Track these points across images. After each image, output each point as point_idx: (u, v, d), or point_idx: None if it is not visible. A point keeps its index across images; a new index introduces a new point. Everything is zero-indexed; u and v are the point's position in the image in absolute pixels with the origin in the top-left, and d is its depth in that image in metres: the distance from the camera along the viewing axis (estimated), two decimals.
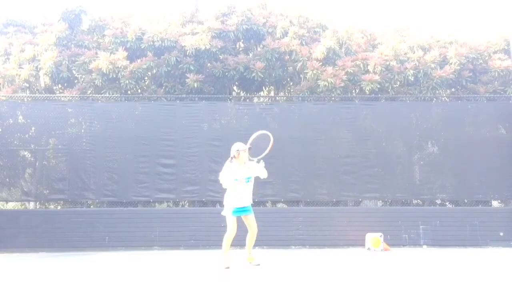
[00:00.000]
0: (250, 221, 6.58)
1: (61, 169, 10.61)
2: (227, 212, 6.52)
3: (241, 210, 6.52)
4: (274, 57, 10.97)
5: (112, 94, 10.87)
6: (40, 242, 9.80)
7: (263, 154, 6.61)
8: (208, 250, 9.67)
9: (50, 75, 11.17)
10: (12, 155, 10.75)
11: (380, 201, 11.01)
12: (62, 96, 11.18)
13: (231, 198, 6.52)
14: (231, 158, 6.55)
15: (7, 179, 10.78)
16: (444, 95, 11.48)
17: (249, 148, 6.59)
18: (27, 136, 10.94)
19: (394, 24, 14.03)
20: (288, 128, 10.55)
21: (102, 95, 10.88)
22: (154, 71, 11.12)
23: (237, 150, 6.54)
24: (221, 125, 10.84)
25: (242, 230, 6.63)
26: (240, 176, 6.47)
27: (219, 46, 11.06)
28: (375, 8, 23.62)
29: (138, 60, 10.97)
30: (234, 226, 6.44)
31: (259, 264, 6.68)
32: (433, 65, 10.89)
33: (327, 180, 10.55)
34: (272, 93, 12.27)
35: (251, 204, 6.68)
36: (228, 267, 6.37)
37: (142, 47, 11.31)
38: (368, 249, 9.46)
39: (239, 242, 6.88)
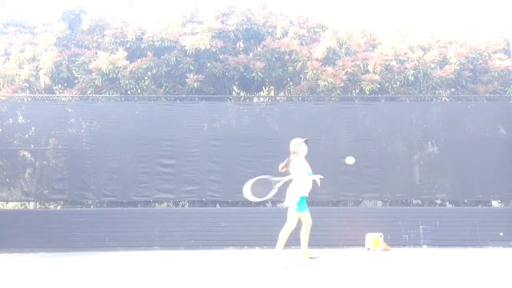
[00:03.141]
0: (308, 214, 6.86)
1: (61, 169, 10.60)
2: (294, 205, 6.63)
3: (304, 198, 6.76)
4: (274, 57, 10.98)
5: (112, 94, 10.87)
6: (40, 242, 9.80)
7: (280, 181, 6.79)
8: (208, 250, 9.69)
9: (50, 75, 11.17)
10: (12, 155, 10.75)
11: (380, 201, 11.01)
12: (62, 96, 11.18)
13: (301, 189, 6.68)
14: (293, 152, 6.74)
15: (7, 179, 10.78)
16: (444, 95, 11.47)
17: (306, 140, 6.82)
18: (27, 136, 10.93)
19: (394, 24, 14.02)
20: (288, 128, 10.54)
21: (102, 95, 10.88)
22: (154, 71, 11.11)
23: (295, 145, 6.76)
24: (221, 125, 10.84)
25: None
26: (309, 170, 6.80)
27: (219, 46, 11.07)
28: (375, 8, 23.62)
29: (138, 60, 10.97)
30: (296, 221, 6.67)
31: (318, 257, 6.96)
32: (433, 65, 10.89)
33: (327, 180, 10.50)
34: (272, 93, 12.27)
35: None
36: (287, 266, 6.41)
37: (142, 47, 11.31)
38: (368, 249, 9.45)
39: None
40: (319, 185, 6.89)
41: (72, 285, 5.50)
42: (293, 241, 9.92)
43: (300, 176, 6.66)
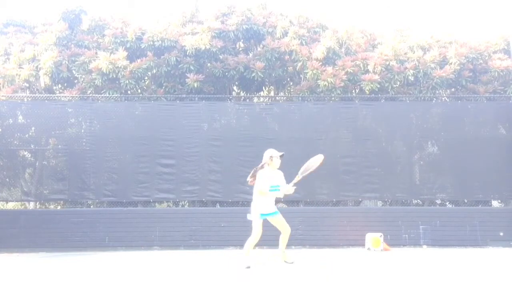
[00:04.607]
0: (281, 222, 6.71)
1: (61, 169, 10.61)
2: (255, 216, 6.54)
3: (266, 215, 6.62)
4: (274, 57, 10.98)
5: (112, 94, 10.87)
6: (40, 242, 9.80)
7: (300, 177, 6.66)
8: (208, 250, 9.69)
9: (50, 75, 11.17)
10: (12, 155, 10.75)
11: (380, 201, 11.01)
12: (62, 96, 11.18)
13: (260, 204, 6.54)
14: (263, 164, 6.55)
15: (7, 179, 10.77)
16: (444, 95, 11.48)
17: (282, 155, 6.61)
18: (27, 136, 10.93)
19: (394, 24, 14.03)
20: (288, 128, 10.55)
21: (102, 95, 10.88)
22: (154, 71, 11.11)
23: (271, 157, 6.56)
24: (221, 125, 10.84)
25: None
26: (274, 183, 6.55)
27: (219, 46, 11.07)
28: (375, 8, 23.62)
29: (138, 60, 10.97)
30: (260, 230, 6.49)
31: (293, 262, 6.84)
32: (433, 65, 10.89)
33: (327, 180, 10.54)
34: (272, 93, 12.27)
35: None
36: (249, 267, 6.39)
37: (142, 47, 11.31)
38: (368, 249, 9.46)
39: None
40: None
41: (72, 285, 5.50)
42: (293, 241, 9.98)
43: (260, 192, 6.43)
